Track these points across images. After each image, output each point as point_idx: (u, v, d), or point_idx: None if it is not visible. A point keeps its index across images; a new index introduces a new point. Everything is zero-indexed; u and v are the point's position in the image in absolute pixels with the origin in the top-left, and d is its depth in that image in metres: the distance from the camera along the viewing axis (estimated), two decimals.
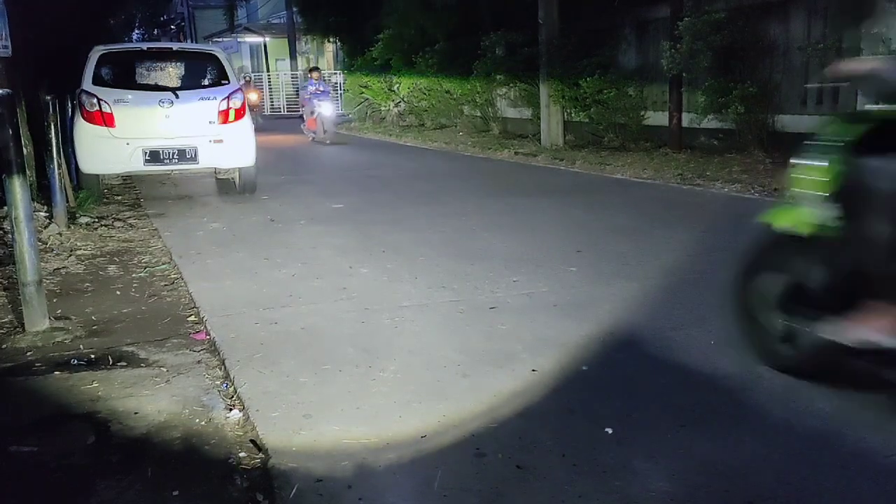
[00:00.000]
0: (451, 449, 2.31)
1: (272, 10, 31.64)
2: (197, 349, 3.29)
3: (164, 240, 5.69)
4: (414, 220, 6.21)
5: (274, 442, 2.37)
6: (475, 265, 4.60)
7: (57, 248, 5.32)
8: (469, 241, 5.37)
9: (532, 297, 3.94)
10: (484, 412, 2.56)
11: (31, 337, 3.40)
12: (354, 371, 2.97)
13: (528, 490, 2.07)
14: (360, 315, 3.69)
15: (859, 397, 2.62)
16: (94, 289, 4.36)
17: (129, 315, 3.82)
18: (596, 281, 4.22)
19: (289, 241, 5.56)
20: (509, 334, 3.35)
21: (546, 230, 5.69)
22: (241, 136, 7.51)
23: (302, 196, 7.85)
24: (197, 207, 7.28)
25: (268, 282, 4.38)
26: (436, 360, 3.05)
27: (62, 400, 2.73)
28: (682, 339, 3.24)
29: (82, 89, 7.13)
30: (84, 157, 7.20)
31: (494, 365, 2.99)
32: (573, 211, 6.52)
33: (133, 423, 2.54)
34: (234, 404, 2.71)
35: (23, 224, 3.37)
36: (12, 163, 3.34)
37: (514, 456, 2.24)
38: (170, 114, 7.27)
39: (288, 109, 25.42)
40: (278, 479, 2.16)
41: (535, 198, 7.26)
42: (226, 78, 7.67)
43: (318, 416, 2.56)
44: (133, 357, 3.19)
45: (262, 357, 3.13)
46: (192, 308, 3.90)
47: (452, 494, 2.06)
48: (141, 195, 8.19)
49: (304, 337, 3.40)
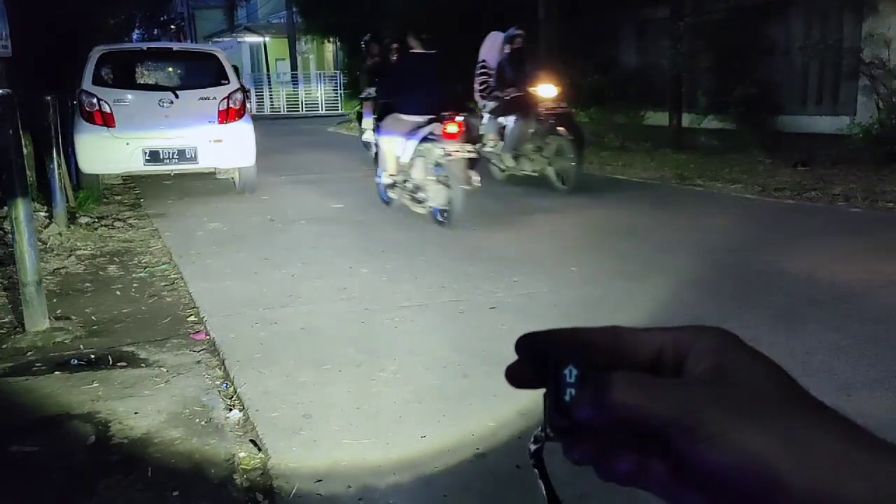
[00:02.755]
0: (451, 449, 2.31)
1: (272, 10, 31.64)
2: (197, 349, 3.29)
3: (164, 240, 5.69)
4: (414, 219, 6.20)
5: (274, 442, 2.37)
6: (475, 265, 4.60)
7: (57, 248, 5.32)
8: (469, 240, 5.37)
9: (532, 297, 3.94)
10: (484, 412, 2.56)
11: (31, 337, 3.40)
12: (354, 371, 2.97)
13: (528, 490, 2.07)
14: (360, 315, 3.69)
15: None
16: (94, 289, 4.36)
17: (129, 315, 3.82)
18: (596, 281, 4.22)
19: (289, 241, 5.56)
20: (509, 334, 3.33)
21: (546, 230, 5.69)
22: (241, 136, 7.51)
23: (302, 196, 7.85)
24: (197, 207, 7.27)
25: (268, 282, 4.37)
26: (436, 360, 3.05)
27: (62, 400, 2.73)
28: None
29: (82, 89, 7.13)
30: (84, 157, 7.20)
31: (494, 365, 2.99)
32: (573, 211, 6.52)
33: (133, 423, 2.53)
34: (234, 404, 2.71)
35: (23, 224, 3.37)
36: (12, 163, 3.34)
37: (514, 456, 2.24)
38: (170, 114, 7.27)
39: (288, 109, 25.44)
40: (278, 479, 2.16)
41: (535, 198, 7.26)
42: (226, 78, 7.67)
43: (318, 415, 2.56)
44: (133, 357, 3.19)
45: (262, 357, 3.13)
46: (192, 308, 3.90)
47: (452, 494, 2.06)
48: (141, 195, 8.18)
49: (304, 337, 3.40)
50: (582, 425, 0.33)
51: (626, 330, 0.36)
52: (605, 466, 0.34)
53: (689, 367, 0.33)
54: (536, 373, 0.36)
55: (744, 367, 0.32)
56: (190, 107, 7.34)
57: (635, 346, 0.35)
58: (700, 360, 0.33)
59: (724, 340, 0.33)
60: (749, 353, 0.33)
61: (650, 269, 4.42)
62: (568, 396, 0.34)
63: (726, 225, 5.80)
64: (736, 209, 6.50)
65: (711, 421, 0.30)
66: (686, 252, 4.82)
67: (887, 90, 8.18)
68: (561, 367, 0.35)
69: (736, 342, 0.34)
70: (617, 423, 0.32)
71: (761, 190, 7.28)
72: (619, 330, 0.36)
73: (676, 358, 0.34)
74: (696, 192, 7.59)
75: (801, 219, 6.02)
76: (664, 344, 0.35)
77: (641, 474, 0.33)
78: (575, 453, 0.34)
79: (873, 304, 3.66)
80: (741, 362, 0.32)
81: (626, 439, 0.33)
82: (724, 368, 0.32)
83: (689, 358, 0.34)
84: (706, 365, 0.33)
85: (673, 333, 0.35)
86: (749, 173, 8.16)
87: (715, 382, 0.32)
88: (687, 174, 8.40)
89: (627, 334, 0.36)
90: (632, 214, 6.33)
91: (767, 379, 0.32)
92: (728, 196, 7.23)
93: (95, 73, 7.25)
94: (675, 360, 0.34)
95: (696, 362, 0.33)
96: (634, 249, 4.93)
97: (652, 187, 8.01)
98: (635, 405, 0.31)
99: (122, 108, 7.13)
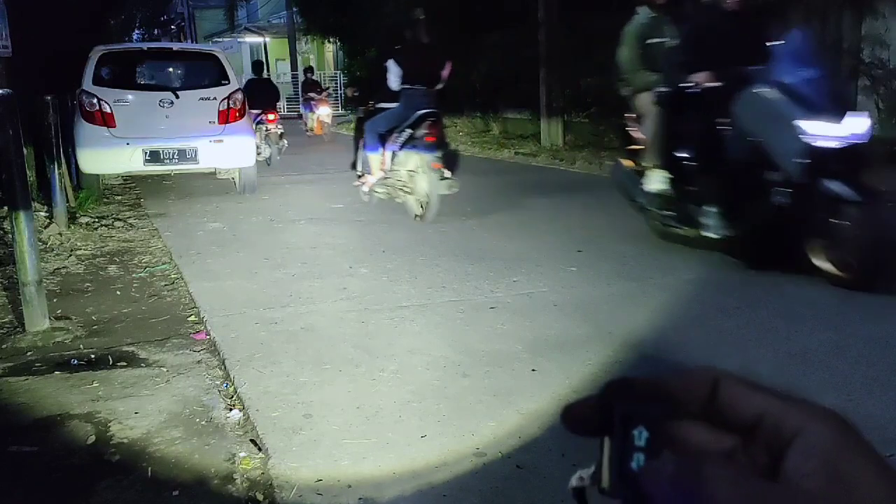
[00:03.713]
0: (451, 449, 2.31)
1: (272, 10, 31.63)
2: (197, 349, 3.29)
3: (164, 240, 5.69)
4: (414, 219, 6.20)
5: (274, 442, 2.37)
6: (475, 265, 4.60)
7: (57, 248, 5.32)
8: (469, 240, 5.37)
9: (532, 297, 3.94)
10: (484, 412, 2.56)
11: (31, 337, 3.40)
12: (354, 371, 2.97)
13: (528, 490, 2.07)
14: (360, 315, 3.69)
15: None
16: (94, 289, 4.36)
17: (129, 315, 3.82)
18: (596, 281, 4.22)
19: (289, 241, 5.56)
20: (509, 334, 3.35)
21: (546, 230, 5.69)
22: (241, 137, 7.51)
23: (302, 196, 7.85)
24: (197, 207, 7.28)
25: (268, 282, 4.38)
26: (436, 360, 3.05)
27: (62, 400, 2.73)
28: (682, 339, 3.24)
29: (82, 89, 7.14)
30: (84, 157, 7.20)
31: (494, 365, 2.99)
32: (573, 211, 6.52)
33: (133, 422, 2.54)
34: (234, 404, 2.71)
35: (23, 224, 3.37)
36: (12, 163, 3.34)
37: (514, 456, 2.24)
38: (170, 114, 7.27)
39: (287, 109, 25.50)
40: (278, 478, 2.16)
41: (535, 198, 7.26)
42: (226, 78, 7.67)
43: (318, 415, 2.56)
44: (133, 357, 3.19)
45: (262, 357, 3.13)
46: (193, 308, 3.90)
47: (452, 494, 2.06)
48: (141, 195, 8.19)
49: (304, 337, 3.40)
50: (644, 499, 0.29)
51: (728, 381, 0.31)
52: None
53: (793, 461, 0.29)
54: (601, 420, 0.32)
55: (861, 475, 0.27)
56: (190, 107, 7.34)
57: (733, 403, 0.31)
58: (808, 456, 0.28)
59: (840, 436, 0.29)
60: (867, 455, 0.28)
61: (650, 269, 4.42)
62: (635, 463, 0.30)
63: None
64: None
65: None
66: (686, 251, 4.81)
67: (887, 90, 8.18)
68: (630, 425, 0.31)
69: (854, 439, 0.29)
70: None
71: None
72: (721, 379, 0.31)
73: (776, 436, 0.29)
74: None
75: None
76: (766, 414, 0.30)
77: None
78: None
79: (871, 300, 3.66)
80: (858, 469, 0.28)
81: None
82: (839, 475, 0.27)
83: (795, 446, 0.29)
84: (816, 464, 0.28)
85: (781, 405, 0.30)
86: None
87: (826, 494, 0.27)
88: None
89: (728, 387, 0.31)
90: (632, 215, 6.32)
91: (888, 496, 0.27)
92: None
93: (95, 73, 7.26)
94: (774, 439, 0.30)
95: (802, 458, 0.28)
96: (635, 249, 4.92)
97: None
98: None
99: (123, 109, 7.14)
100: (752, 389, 0.31)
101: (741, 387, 0.31)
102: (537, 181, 7.93)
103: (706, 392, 0.31)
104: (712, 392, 0.31)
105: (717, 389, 0.31)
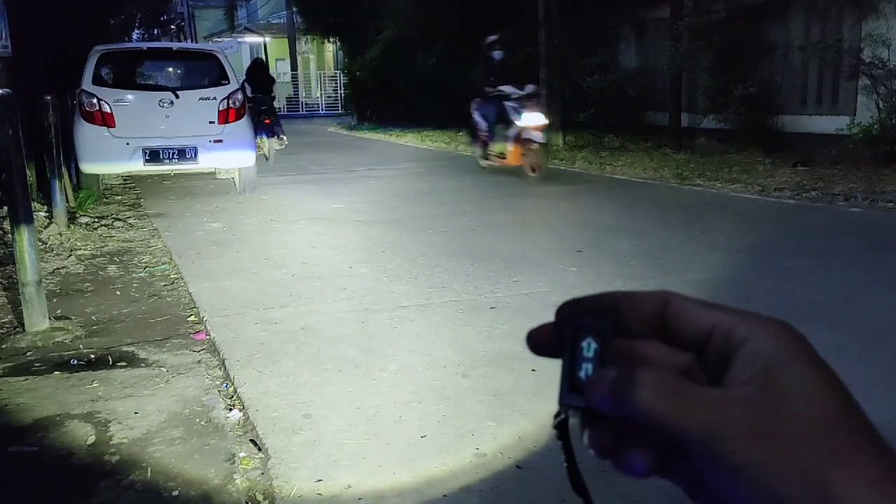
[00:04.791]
0: (451, 449, 2.31)
1: (272, 10, 31.64)
2: (197, 349, 3.29)
3: (164, 240, 5.69)
4: (414, 219, 6.20)
5: (274, 442, 2.37)
6: (475, 265, 4.60)
7: (57, 248, 5.32)
8: (469, 241, 5.37)
9: (532, 297, 3.94)
10: (484, 412, 2.56)
11: (31, 337, 3.40)
12: (354, 371, 2.97)
13: (528, 490, 2.07)
14: (360, 315, 3.69)
15: None
16: (94, 289, 4.36)
17: (129, 315, 3.82)
18: (596, 281, 4.22)
19: (289, 241, 5.56)
20: (509, 334, 3.35)
21: (546, 230, 5.69)
22: (241, 137, 7.51)
23: (302, 196, 7.85)
24: (197, 207, 7.28)
25: (268, 282, 4.38)
26: (436, 360, 3.05)
27: (62, 400, 2.73)
28: None
29: (82, 89, 7.13)
30: (84, 157, 7.19)
31: (494, 365, 2.99)
32: (573, 211, 6.52)
33: (133, 423, 2.54)
34: (234, 404, 2.71)
35: (23, 224, 3.37)
36: (12, 163, 3.34)
37: (514, 456, 2.25)
38: (170, 114, 7.27)
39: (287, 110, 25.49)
40: (278, 479, 2.16)
41: (535, 198, 7.26)
42: (226, 78, 7.67)
43: (318, 415, 2.56)
44: (133, 357, 3.19)
45: (262, 357, 3.13)
46: (192, 308, 3.90)
47: (452, 494, 2.06)
48: (141, 195, 8.19)
49: (304, 337, 3.40)
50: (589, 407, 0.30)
51: (677, 299, 0.31)
52: (618, 459, 0.31)
53: (735, 369, 0.29)
54: (559, 340, 0.32)
55: (800, 384, 0.28)
56: (190, 107, 7.33)
57: (684, 319, 0.31)
58: (751, 362, 0.28)
59: (784, 344, 0.29)
60: (811, 364, 0.28)
61: (650, 269, 4.42)
62: (583, 373, 0.31)
63: (726, 225, 5.80)
64: (736, 209, 6.50)
65: (744, 451, 0.27)
66: (686, 252, 4.82)
67: (887, 90, 8.18)
68: (579, 337, 0.31)
69: (799, 348, 0.29)
70: (634, 422, 0.29)
71: (761, 190, 7.28)
72: (670, 297, 0.31)
73: (725, 348, 0.30)
74: (696, 191, 7.59)
75: (801, 219, 6.02)
76: (717, 327, 0.30)
77: (659, 470, 0.31)
78: (588, 438, 0.31)
79: (873, 303, 3.66)
80: (798, 377, 0.28)
81: (643, 433, 0.30)
82: (777, 382, 0.28)
83: (738, 354, 0.29)
84: (755, 371, 0.28)
85: (730, 318, 0.30)
86: (749, 173, 8.16)
87: (760, 401, 0.27)
88: (687, 174, 8.40)
89: (677, 304, 0.31)
90: (632, 215, 6.33)
91: (824, 407, 0.27)
92: (727, 196, 7.23)
93: (95, 73, 7.25)
94: (723, 351, 0.30)
95: (745, 364, 0.29)
96: (635, 249, 4.92)
97: (651, 187, 8.01)
98: (660, 414, 0.28)
99: (122, 108, 7.13)
100: (702, 306, 0.31)
101: (691, 304, 0.31)
102: (537, 181, 7.93)
103: (655, 308, 0.31)
104: (662, 309, 0.31)
105: (667, 306, 0.31)
